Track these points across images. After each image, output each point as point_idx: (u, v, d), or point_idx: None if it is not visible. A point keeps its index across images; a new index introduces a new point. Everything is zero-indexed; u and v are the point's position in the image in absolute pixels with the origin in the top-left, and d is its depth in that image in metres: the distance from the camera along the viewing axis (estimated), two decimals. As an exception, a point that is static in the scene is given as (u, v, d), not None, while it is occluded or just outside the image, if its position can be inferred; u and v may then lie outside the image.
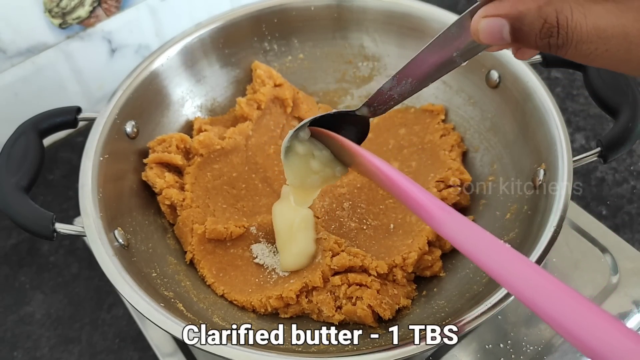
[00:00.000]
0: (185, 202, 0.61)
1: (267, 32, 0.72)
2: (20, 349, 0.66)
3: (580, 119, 0.84)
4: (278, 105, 0.71)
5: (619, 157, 0.75)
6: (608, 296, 0.61)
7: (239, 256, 0.61)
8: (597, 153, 0.55)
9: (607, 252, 0.64)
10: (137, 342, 0.65)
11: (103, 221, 0.52)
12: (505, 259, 0.35)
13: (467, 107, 0.68)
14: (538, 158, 0.57)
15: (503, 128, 0.64)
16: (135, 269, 0.51)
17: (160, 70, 0.65)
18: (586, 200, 0.75)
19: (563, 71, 0.90)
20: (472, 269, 0.57)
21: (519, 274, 0.34)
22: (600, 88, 0.58)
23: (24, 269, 0.73)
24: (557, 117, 0.56)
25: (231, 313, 0.56)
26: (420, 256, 0.58)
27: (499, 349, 0.58)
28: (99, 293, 0.70)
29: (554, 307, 0.32)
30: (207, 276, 0.59)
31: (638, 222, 0.72)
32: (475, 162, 0.67)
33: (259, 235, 0.62)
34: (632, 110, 0.55)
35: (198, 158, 0.64)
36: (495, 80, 0.64)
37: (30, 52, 0.74)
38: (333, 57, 0.75)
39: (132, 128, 0.61)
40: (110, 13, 0.78)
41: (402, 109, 0.73)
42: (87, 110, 0.61)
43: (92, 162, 0.55)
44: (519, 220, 0.56)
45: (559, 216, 0.50)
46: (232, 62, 0.72)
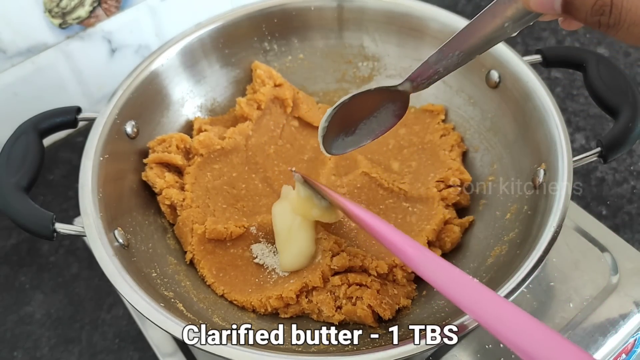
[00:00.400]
0: (185, 202, 0.61)
1: (267, 32, 0.72)
2: (20, 349, 0.66)
3: (580, 119, 0.84)
4: (278, 105, 0.71)
5: (619, 157, 0.75)
6: (608, 296, 0.60)
7: (239, 256, 0.61)
8: (597, 153, 0.55)
9: (607, 252, 0.64)
10: (137, 342, 0.65)
11: (103, 221, 0.52)
12: (472, 293, 0.39)
13: (467, 107, 0.68)
14: (538, 158, 0.57)
15: (503, 128, 0.64)
16: (135, 269, 0.51)
17: (160, 70, 0.65)
18: (586, 200, 0.75)
19: (563, 71, 0.90)
20: (472, 269, 0.57)
21: (485, 307, 0.37)
22: (600, 88, 0.58)
23: (24, 269, 0.73)
24: (557, 117, 0.56)
25: (231, 313, 0.56)
26: None
27: (499, 349, 0.58)
28: (99, 293, 0.70)
29: (513, 333, 0.35)
30: (207, 276, 0.59)
31: (638, 222, 0.72)
32: (475, 162, 0.67)
33: (259, 235, 0.62)
34: (632, 111, 0.55)
35: (198, 158, 0.64)
36: (495, 81, 0.64)
37: (30, 52, 0.74)
38: (333, 57, 0.75)
39: (132, 128, 0.61)
40: (110, 13, 0.78)
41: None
42: (87, 110, 0.61)
43: (92, 162, 0.55)
44: (519, 220, 0.56)
45: (559, 216, 0.50)
46: (232, 62, 0.72)
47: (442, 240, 0.61)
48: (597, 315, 0.59)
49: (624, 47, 0.93)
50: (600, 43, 0.95)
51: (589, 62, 0.60)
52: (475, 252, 0.60)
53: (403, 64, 0.72)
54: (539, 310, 0.60)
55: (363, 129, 0.54)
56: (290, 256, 0.59)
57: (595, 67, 0.59)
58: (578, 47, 0.94)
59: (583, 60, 0.61)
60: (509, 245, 0.55)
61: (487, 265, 0.55)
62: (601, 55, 0.61)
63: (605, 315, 0.59)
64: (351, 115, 0.52)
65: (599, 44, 0.95)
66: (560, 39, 0.96)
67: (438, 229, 0.60)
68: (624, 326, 0.59)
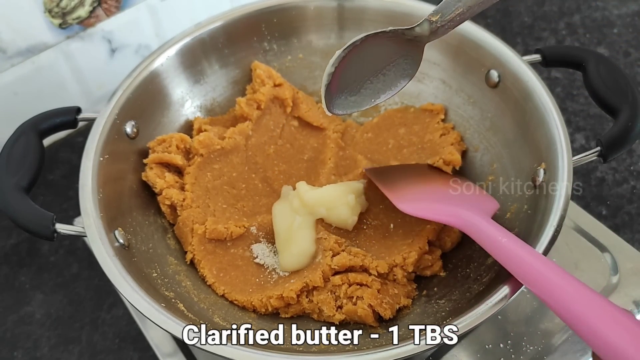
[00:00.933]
0: (186, 202, 0.61)
1: (267, 32, 0.72)
2: (20, 349, 0.66)
3: (580, 119, 0.84)
4: (278, 105, 0.71)
5: (619, 157, 0.75)
6: (608, 296, 0.61)
7: (239, 256, 0.61)
8: (596, 152, 0.55)
9: (607, 252, 0.64)
10: (137, 342, 0.65)
11: (103, 221, 0.52)
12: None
13: (466, 107, 0.68)
14: (538, 157, 0.57)
15: (503, 128, 0.64)
16: (136, 270, 0.51)
17: (160, 71, 0.65)
18: (586, 200, 0.75)
19: (563, 71, 0.90)
20: (473, 269, 0.57)
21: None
22: (600, 88, 0.58)
23: (24, 269, 0.73)
24: (557, 116, 0.56)
25: (232, 313, 0.56)
26: (421, 256, 0.58)
27: (499, 349, 0.58)
28: (99, 293, 0.70)
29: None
30: (207, 276, 0.59)
31: (638, 222, 0.72)
32: (475, 162, 0.67)
33: (259, 235, 0.62)
34: (631, 110, 0.55)
35: (198, 158, 0.64)
36: (495, 80, 0.64)
37: (30, 52, 0.74)
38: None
39: (132, 128, 0.61)
40: (110, 13, 0.78)
41: (401, 109, 0.73)
42: (88, 110, 0.61)
43: (92, 163, 0.55)
44: (519, 220, 0.56)
45: (559, 215, 0.50)
46: (231, 62, 0.72)
47: (443, 239, 0.61)
48: (597, 315, 0.59)
49: (624, 47, 0.94)
50: (600, 43, 0.95)
51: (589, 62, 0.60)
52: (475, 251, 0.60)
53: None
54: (540, 310, 0.60)
55: (369, 88, 0.50)
56: (290, 256, 0.59)
57: (595, 67, 0.59)
58: (578, 46, 0.94)
59: (583, 60, 0.61)
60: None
61: (487, 265, 0.55)
62: (601, 55, 0.61)
63: (605, 315, 0.59)
64: (358, 69, 0.48)
65: (599, 43, 0.95)
66: (560, 38, 0.96)
67: (438, 229, 0.60)
68: (623, 326, 0.59)
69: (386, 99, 0.51)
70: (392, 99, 0.73)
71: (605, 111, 0.58)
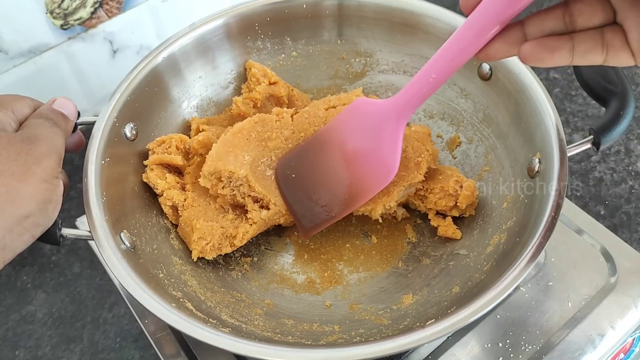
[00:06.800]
0: (187, 202, 0.62)
1: (260, 30, 0.72)
2: (22, 348, 0.66)
3: (578, 119, 0.85)
4: (274, 103, 0.71)
5: (617, 157, 0.76)
6: (606, 296, 0.61)
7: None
8: (589, 140, 0.56)
9: (606, 251, 0.64)
10: (139, 341, 0.66)
11: (109, 224, 0.52)
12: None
13: (459, 100, 0.69)
14: (533, 148, 0.58)
15: (496, 119, 0.65)
16: (143, 271, 0.51)
17: (156, 72, 0.65)
18: (584, 200, 0.75)
19: (561, 72, 0.91)
20: (473, 257, 0.58)
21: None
22: (591, 77, 0.59)
23: (26, 269, 0.73)
24: (550, 106, 0.57)
25: (239, 310, 0.57)
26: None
27: (497, 348, 0.58)
28: (101, 292, 0.71)
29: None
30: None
31: (636, 221, 0.73)
32: (469, 153, 0.68)
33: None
34: (622, 99, 0.56)
35: (198, 158, 0.64)
36: (487, 73, 0.65)
37: (32, 53, 0.74)
38: (326, 54, 0.75)
39: (131, 130, 0.61)
40: (112, 14, 0.78)
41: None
42: (89, 110, 0.61)
43: (94, 167, 0.55)
44: (516, 209, 0.57)
45: (555, 203, 0.51)
46: (226, 62, 0.72)
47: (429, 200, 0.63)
48: (595, 315, 0.59)
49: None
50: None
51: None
52: (474, 240, 0.61)
53: (395, 58, 0.73)
54: (537, 309, 0.60)
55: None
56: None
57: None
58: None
59: (572, 49, 0.62)
60: (508, 234, 0.56)
61: (487, 254, 0.56)
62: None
63: (603, 315, 0.59)
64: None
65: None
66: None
67: (435, 154, 0.64)
68: (622, 325, 0.59)
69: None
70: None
71: (596, 100, 0.59)
